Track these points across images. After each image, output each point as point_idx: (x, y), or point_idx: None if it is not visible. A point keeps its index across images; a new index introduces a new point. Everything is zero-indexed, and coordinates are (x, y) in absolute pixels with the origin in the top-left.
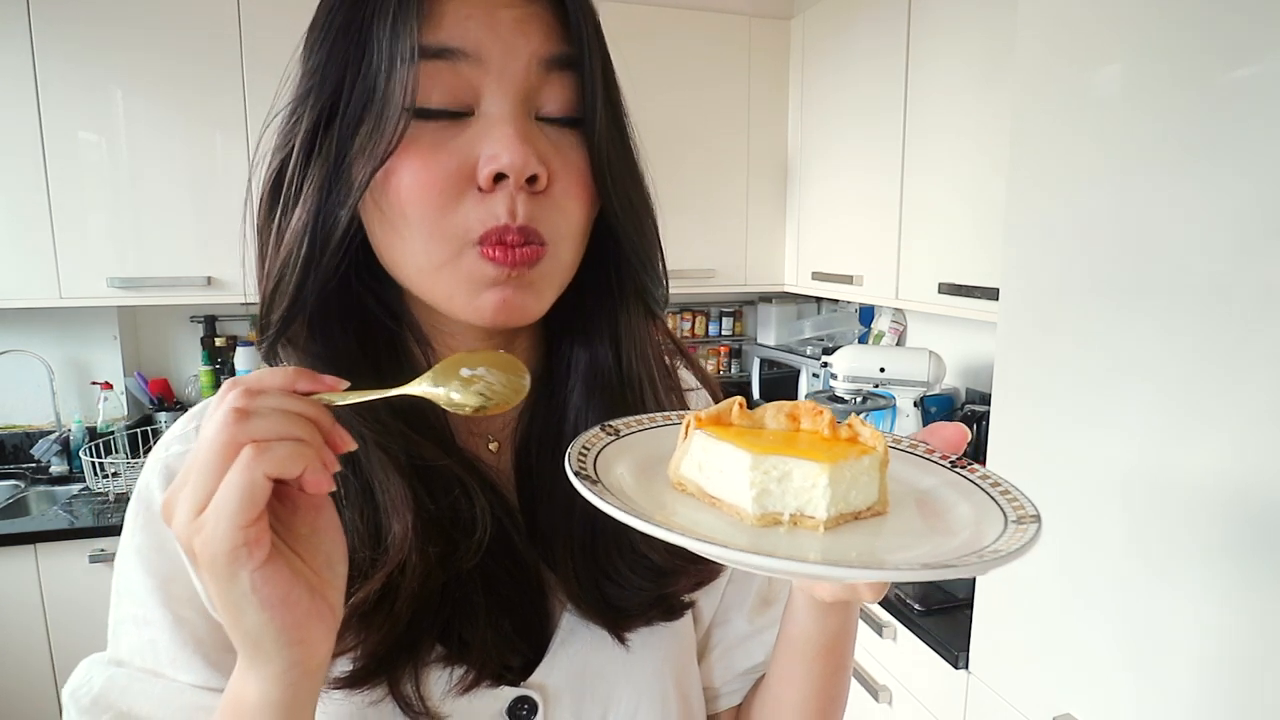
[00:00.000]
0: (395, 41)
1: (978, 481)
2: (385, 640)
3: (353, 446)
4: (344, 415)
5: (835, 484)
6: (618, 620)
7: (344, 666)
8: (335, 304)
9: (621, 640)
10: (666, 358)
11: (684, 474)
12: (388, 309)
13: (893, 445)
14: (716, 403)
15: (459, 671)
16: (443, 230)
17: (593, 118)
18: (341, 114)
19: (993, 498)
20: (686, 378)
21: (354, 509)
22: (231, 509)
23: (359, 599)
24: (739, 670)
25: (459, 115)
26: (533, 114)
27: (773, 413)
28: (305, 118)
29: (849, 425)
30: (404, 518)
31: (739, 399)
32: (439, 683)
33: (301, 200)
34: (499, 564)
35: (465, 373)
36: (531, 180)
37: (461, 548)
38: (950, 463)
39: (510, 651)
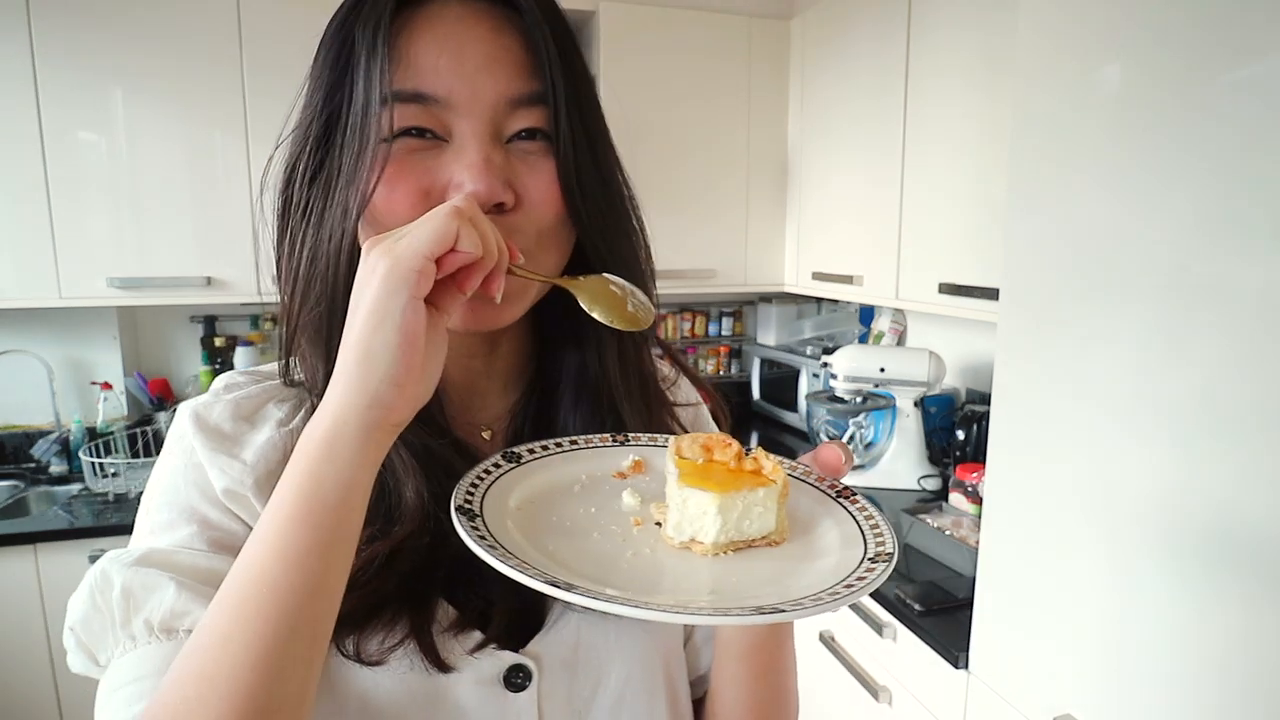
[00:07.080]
0: (370, 86)
1: (854, 513)
2: (396, 587)
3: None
4: None
5: (725, 512)
6: None
7: (350, 605)
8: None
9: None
10: (664, 367)
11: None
12: None
13: (790, 473)
14: (714, 416)
15: (467, 629)
16: None
17: (560, 143)
18: (337, 144)
19: (862, 530)
20: (689, 391)
21: None
22: (424, 238)
23: (374, 550)
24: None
25: (437, 139)
26: (502, 138)
27: (688, 443)
28: (306, 146)
29: (754, 458)
30: (418, 489)
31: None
32: (445, 637)
33: (307, 224)
34: None
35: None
36: (499, 206)
37: None
38: (836, 492)
39: (512, 616)
